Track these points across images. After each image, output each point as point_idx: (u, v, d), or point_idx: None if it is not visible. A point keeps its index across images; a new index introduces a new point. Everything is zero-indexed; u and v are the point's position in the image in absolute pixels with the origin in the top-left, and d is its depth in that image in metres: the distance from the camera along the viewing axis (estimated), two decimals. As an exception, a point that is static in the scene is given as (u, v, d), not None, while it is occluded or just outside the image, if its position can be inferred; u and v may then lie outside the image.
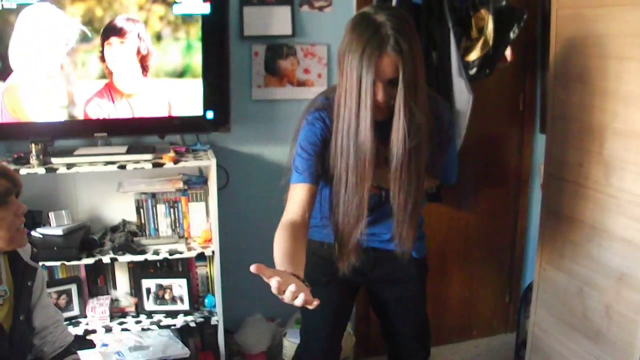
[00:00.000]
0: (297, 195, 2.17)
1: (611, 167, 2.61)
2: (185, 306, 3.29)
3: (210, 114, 3.15)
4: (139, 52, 3.02)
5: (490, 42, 3.16)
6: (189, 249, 3.23)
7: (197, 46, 3.09)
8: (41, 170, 2.95)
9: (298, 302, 1.63)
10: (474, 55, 3.20)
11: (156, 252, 3.17)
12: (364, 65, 2.03)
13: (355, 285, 2.79)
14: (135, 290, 3.32)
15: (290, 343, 3.36)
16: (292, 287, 1.62)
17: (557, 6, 2.95)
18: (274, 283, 1.61)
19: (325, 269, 2.52)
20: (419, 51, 2.09)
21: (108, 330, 3.16)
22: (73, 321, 3.18)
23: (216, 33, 3.12)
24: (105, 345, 3.21)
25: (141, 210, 3.33)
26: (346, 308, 2.82)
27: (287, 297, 1.63)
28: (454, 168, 2.58)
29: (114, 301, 3.31)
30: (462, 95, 3.13)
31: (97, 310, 3.19)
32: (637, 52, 2.45)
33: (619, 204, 2.57)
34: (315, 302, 1.66)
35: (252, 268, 1.57)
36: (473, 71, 3.20)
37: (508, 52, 3.28)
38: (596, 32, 2.66)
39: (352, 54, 2.05)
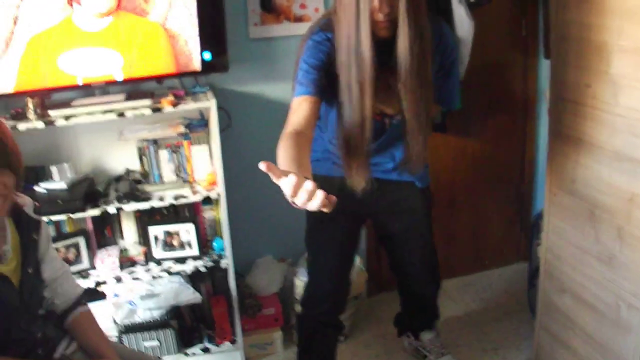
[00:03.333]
0: (300, 108, 2.10)
1: (619, 85, 2.54)
2: (194, 251, 3.28)
3: (207, 55, 3.08)
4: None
5: (490, -33, 3.10)
6: (194, 193, 3.21)
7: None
8: (40, 125, 2.91)
9: (314, 204, 1.47)
10: (473, -19, 3.13)
11: (161, 199, 3.15)
12: None
13: (360, 219, 2.78)
14: (143, 238, 3.31)
15: (303, 282, 3.36)
16: (308, 185, 1.46)
17: None
18: (288, 182, 1.45)
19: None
20: None
21: (118, 280, 3.16)
22: (83, 274, 3.19)
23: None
24: (116, 295, 3.22)
25: (144, 157, 3.30)
26: (352, 241, 2.82)
27: (301, 198, 1.47)
28: (457, 92, 2.55)
29: (123, 251, 3.31)
30: (463, 22, 3.08)
31: (107, 262, 3.19)
32: (641, -36, 2.38)
33: (628, 123, 2.52)
34: (333, 201, 1.50)
35: (262, 165, 1.43)
36: (473, -3, 3.14)
37: (508, -24, 3.21)
38: (598, -54, 2.58)
39: None
